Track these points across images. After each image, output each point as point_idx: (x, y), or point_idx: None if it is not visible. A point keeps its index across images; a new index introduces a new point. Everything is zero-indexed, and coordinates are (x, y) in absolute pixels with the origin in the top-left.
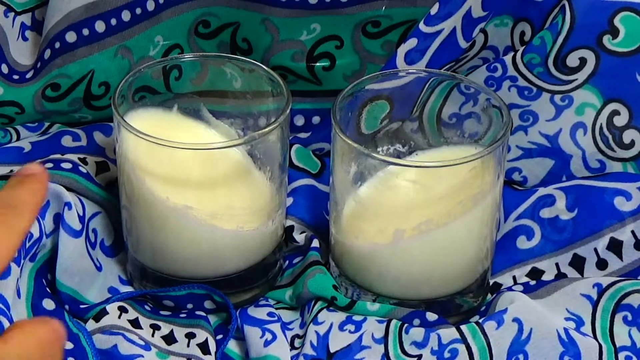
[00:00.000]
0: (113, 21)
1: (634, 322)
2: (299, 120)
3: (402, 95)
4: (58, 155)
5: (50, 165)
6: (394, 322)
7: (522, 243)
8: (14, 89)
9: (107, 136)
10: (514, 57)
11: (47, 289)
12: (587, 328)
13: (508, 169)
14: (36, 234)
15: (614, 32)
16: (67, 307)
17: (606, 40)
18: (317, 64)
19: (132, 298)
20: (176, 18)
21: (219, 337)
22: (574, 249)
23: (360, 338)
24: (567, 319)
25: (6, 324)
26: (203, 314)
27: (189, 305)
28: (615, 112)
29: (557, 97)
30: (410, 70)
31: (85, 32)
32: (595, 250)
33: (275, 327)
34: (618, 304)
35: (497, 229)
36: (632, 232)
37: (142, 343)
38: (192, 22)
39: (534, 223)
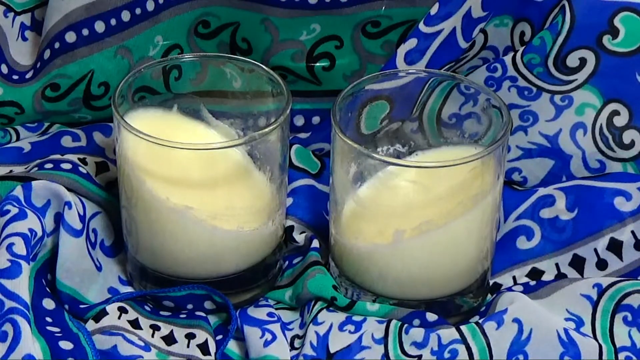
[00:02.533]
0: (113, 21)
1: (634, 323)
2: (299, 120)
3: (402, 96)
4: (58, 156)
5: (50, 165)
6: (393, 322)
7: (522, 243)
8: (14, 89)
9: (107, 136)
10: (514, 57)
11: (47, 289)
12: (587, 328)
13: (508, 169)
14: (39, 233)
15: (614, 32)
16: (66, 306)
17: (606, 40)
18: (317, 64)
19: (132, 298)
20: (176, 18)
21: (219, 337)
22: (574, 249)
23: (360, 338)
24: (567, 319)
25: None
26: (203, 314)
27: (189, 306)
28: (615, 112)
29: (557, 97)
30: (410, 71)
31: (85, 32)
32: (595, 250)
33: (275, 328)
34: (618, 305)
35: (497, 229)
36: (632, 232)
37: (142, 344)
38: (192, 22)
39: (534, 223)
